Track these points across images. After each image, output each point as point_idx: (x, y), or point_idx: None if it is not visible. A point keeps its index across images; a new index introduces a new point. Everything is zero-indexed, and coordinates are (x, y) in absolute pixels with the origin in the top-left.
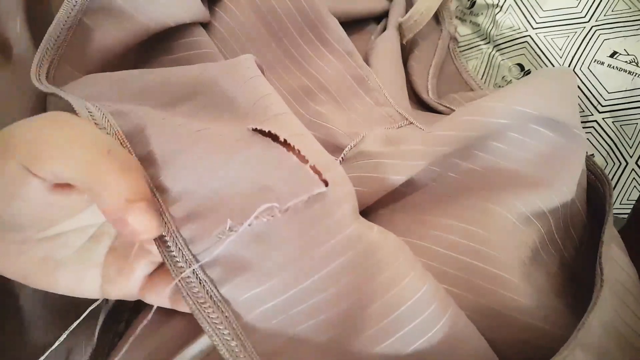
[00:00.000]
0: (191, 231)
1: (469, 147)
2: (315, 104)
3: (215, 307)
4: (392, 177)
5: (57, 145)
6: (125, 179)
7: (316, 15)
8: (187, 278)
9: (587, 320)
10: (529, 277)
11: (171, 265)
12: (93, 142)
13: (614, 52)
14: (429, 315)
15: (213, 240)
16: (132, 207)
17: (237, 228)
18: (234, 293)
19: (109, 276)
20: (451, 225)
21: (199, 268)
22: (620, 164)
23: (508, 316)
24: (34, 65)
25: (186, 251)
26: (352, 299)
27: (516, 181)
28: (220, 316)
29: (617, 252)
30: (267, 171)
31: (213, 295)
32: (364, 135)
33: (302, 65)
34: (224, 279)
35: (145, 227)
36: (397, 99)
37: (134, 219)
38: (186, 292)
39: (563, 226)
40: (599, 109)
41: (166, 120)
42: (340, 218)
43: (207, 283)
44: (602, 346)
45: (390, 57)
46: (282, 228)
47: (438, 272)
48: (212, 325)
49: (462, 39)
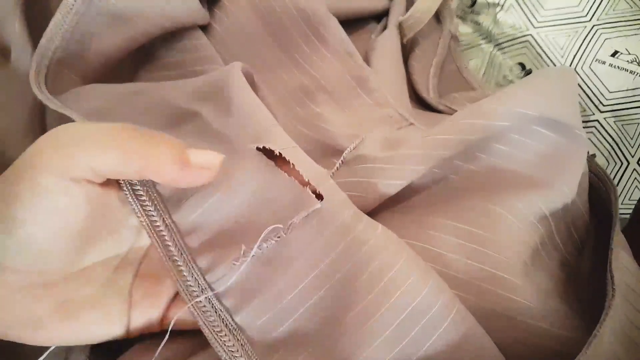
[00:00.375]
0: (207, 260)
1: (470, 149)
2: (314, 105)
3: (231, 336)
4: (392, 183)
5: (83, 141)
6: (164, 138)
7: (316, 15)
8: (203, 307)
9: (600, 332)
10: (531, 278)
11: (187, 295)
12: (111, 127)
13: (616, 51)
14: (435, 314)
15: (228, 267)
16: (190, 152)
17: (248, 253)
18: (248, 320)
19: (135, 301)
20: (452, 226)
21: (214, 297)
22: (622, 163)
23: (510, 317)
24: (32, 72)
25: (202, 280)
26: (357, 309)
27: (518, 182)
28: (236, 344)
29: (626, 258)
30: (267, 191)
31: (228, 324)
32: (363, 138)
33: (301, 66)
34: (239, 307)
35: (210, 161)
36: (398, 99)
37: (197, 158)
38: (203, 321)
39: (564, 227)
40: (601, 109)
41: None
42: (340, 229)
43: (223, 312)
44: (611, 351)
45: (390, 57)
46: (286, 247)
47: (440, 274)
48: (229, 353)
49: (463, 38)
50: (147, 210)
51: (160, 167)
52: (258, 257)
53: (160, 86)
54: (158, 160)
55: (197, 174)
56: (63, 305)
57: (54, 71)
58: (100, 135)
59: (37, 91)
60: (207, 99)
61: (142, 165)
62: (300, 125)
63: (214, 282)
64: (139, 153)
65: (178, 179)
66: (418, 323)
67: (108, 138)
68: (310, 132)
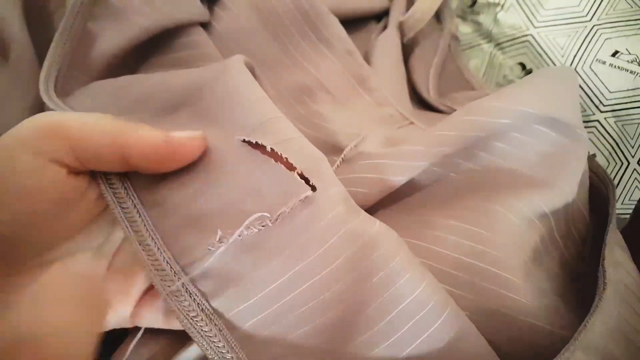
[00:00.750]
0: (182, 244)
1: (470, 147)
2: (315, 104)
3: (208, 320)
4: (393, 178)
5: (69, 126)
6: (144, 125)
7: (316, 14)
8: (176, 292)
9: (589, 323)
10: (532, 278)
11: (159, 280)
12: (96, 116)
13: (616, 51)
14: (428, 313)
15: (203, 252)
16: (171, 134)
17: (227, 239)
18: (226, 305)
19: (109, 296)
20: (453, 225)
21: (189, 281)
22: (622, 163)
23: (510, 317)
24: (43, 78)
25: (174, 264)
26: (347, 302)
27: (518, 181)
28: (213, 329)
29: (623, 257)
30: (255, 181)
31: (205, 309)
32: (364, 136)
33: (302, 65)
34: (216, 292)
35: (191, 135)
36: (398, 99)
37: (178, 135)
38: (176, 306)
39: (564, 226)
40: (601, 109)
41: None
42: (332, 221)
43: (198, 296)
44: (607, 349)
45: (391, 57)
46: (273, 237)
47: (440, 272)
48: (206, 338)
49: (463, 37)
50: (119, 199)
51: (145, 149)
52: (240, 244)
53: (156, 76)
54: (143, 142)
55: (182, 151)
56: (31, 293)
57: (65, 75)
58: (86, 122)
59: (46, 99)
60: (202, 89)
61: (126, 150)
62: (301, 123)
63: (188, 265)
64: (123, 138)
65: (164, 159)
66: (410, 320)
67: (94, 125)
68: (311, 130)
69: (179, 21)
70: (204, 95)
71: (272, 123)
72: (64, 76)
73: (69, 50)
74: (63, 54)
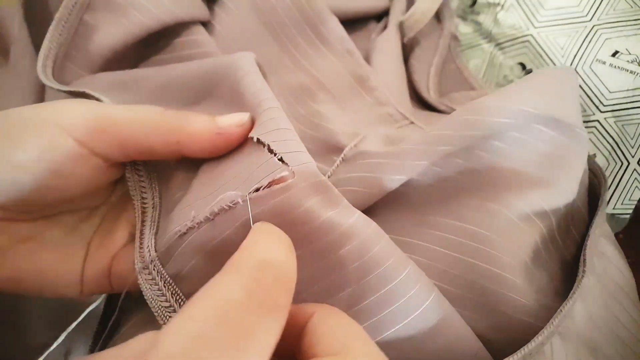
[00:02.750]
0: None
1: (470, 146)
2: (315, 104)
3: (165, 289)
4: (393, 177)
5: (118, 116)
6: (191, 114)
7: (316, 14)
8: (144, 270)
9: (565, 309)
10: (532, 277)
11: (138, 248)
12: (142, 108)
13: (616, 51)
14: (412, 298)
15: (172, 237)
16: (217, 119)
17: (200, 220)
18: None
19: (90, 252)
20: (453, 225)
21: (157, 259)
22: (622, 163)
23: (510, 317)
24: (40, 64)
25: (152, 240)
26: (330, 279)
27: (518, 180)
28: (170, 299)
29: (611, 250)
30: (240, 168)
31: (164, 277)
32: (364, 136)
33: (302, 65)
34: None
35: (239, 118)
36: (398, 98)
37: (226, 120)
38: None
39: (564, 225)
40: (601, 109)
41: None
42: (310, 209)
43: (162, 271)
44: (593, 341)
45: (391, 56)
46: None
47: (440, 272)
48: (162, 309)
49: (463, 37)
50: (142, 190)
51: (198, 139)
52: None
53: (170, 68)
54: (195, 132)
55: (231, 134)
56: (26, 241)
57: (60, 66)
58: (136, 117)
59: (45, 79)
60: (216, 78)
61: (182, 144)
62: (301, 123)
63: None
64: (178, 133)
65: (218, 149)
66: (393, 304)
67: (145, 122)
68: (311, 130)
69: (180, 18)
70: (216, 87)
71: (268, 113)
72: (59, 67)
73: (64, 41)
74: (58, 44)
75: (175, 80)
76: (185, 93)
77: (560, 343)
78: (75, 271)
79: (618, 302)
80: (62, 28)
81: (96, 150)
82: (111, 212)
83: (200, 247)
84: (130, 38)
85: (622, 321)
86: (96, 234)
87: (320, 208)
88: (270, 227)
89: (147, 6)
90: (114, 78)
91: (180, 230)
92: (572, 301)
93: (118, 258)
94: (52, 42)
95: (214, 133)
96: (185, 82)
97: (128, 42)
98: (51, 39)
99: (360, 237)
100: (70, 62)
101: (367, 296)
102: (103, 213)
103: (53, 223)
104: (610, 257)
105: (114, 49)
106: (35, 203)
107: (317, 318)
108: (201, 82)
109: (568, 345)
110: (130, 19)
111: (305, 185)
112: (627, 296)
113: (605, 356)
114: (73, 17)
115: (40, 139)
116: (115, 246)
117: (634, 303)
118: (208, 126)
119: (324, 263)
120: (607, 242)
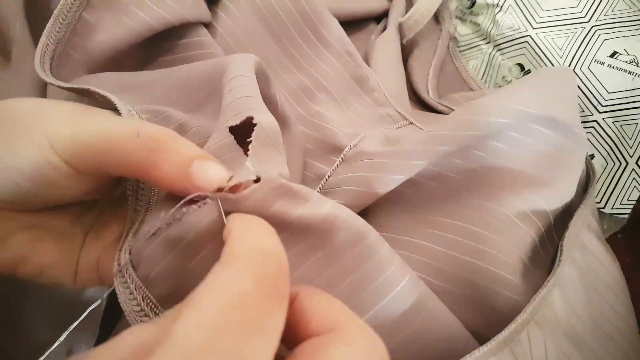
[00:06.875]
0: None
1: (468, 146)
2: (314, 104)
3: (136, 293)
4: (392, 177)
5: (112, 140)
6: (176, 143)
7: (316, 15)
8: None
9: (539, 296)
10: (529, 277)
11: (118, 250)
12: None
13: (614, 52)
14: (387, 278)
15: (141, 239)
16: (194, 166)
17: (169, 220)
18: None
19: (85, 244)
20: (451, 224)
21: (130, 262)
22: (621, 164)
23: (508, 316)
24: (38, 61)
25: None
26: (308, 260)
27: (516, 180)
28: (137, 299)
29: (596, 245)
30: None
31: (135, 282)
32: (363, 136)
33: (301, 65)
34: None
35: (215, 177)
36: (397, 99)
37: (201, 172)
38: (117, 281)
39: (562, 224)
40: (599, 109)
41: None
42: (274, 214)
43: (131, 270)
44: (575, 331)
45: (390, 57)
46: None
47: (438, 271)
48: (132, 310)
49: (462, 38)
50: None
51: (168, 184)
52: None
53: (175, 70)
54: (162, 171)
55: (198, 188)
56: (31, 229)
57: (58, 63)
58: (109, 140)
59: (43, 75)
60: (217, 78)
61: (143, 174)
62: (301, 124)
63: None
64: (142, 162)
65: (177, 190)
66: (369, 284)
67: (120, 150)
68: (311, 131)
69: (184, 19)
70: (216, 89)
71: (240, 102)
72: (58, 66)
73: (62, 38)
74: (56, 41)
75: (182, 82)
76: (194, 96)
77: (538, 332)
78: (72, 261)
79: (603, 297)
80: (60, 25)
81: (81, 170)
82: (110, 206)
83: (170, 248)
84: (133, 38)
85: (608, 316)
86: (93, 226)
87: (285, 207)
88: (250, 216)
89: (152, 6)
90: (119, 79)
91: (149, 232)
92: (546, 289)
93: (106, 253)
94: (50, 39)
95: (180, 181)
96: (191, 86)
97: (130, 42)
98: (48, 35)
99: (340, 217)
100: (68, 59)
101: (346, 275)
102: (103, 206)
103: (60, 213)
104: (596, 253)
105: (115, 49)
106: (35, 202)
107: (303, 297)
108: (204, 86)
109: (547, 334)
110: (133, 19)
111: (267, 190)
112: (612, 292)
113: (590, 349)
114: (72, 13)
115: (31, 152)
116: (106, 241)
117: (621, 300)
118: (180, 170)
119: (316, 257)
120: (592, 236)
